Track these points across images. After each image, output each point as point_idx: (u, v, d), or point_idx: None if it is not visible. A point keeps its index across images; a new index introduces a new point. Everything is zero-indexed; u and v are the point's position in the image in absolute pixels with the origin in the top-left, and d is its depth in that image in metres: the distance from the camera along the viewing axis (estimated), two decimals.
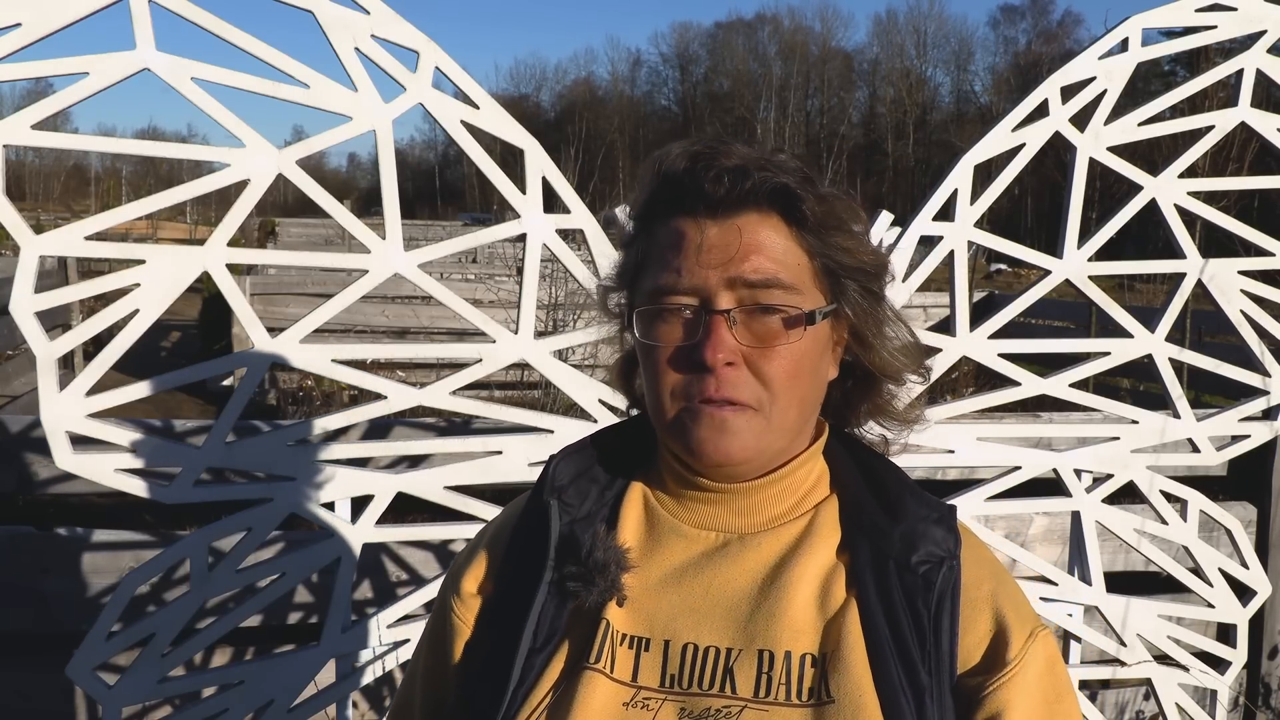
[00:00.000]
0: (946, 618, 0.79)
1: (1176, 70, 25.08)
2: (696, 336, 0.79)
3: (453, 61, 1.64)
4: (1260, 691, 2.50)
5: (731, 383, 0.78)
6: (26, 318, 1.49)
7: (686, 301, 0.80)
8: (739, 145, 0.83)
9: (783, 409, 0.80)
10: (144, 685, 1.61)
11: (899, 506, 0.84)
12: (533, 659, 0.81)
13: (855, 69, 65.32)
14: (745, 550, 0.83)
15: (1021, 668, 0.79)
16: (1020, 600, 0.84)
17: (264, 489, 1.65)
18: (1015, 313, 1.88)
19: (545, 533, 0.84)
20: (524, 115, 9.21)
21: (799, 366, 0.80)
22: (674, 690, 0.79)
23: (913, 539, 0.81)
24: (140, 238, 19.26)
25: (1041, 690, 0.80)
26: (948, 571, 0.80)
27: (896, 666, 0.77)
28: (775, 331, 0.80)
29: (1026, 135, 1.85)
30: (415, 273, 1.66)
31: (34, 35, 1.45)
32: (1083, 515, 1.98)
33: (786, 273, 0.80)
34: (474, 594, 0.88)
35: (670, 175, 0.82)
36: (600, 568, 0.81)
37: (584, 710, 0.77)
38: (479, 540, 0.93)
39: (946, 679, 0.79)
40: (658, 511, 0.87)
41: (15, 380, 6.67)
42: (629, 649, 0.81)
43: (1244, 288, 1.95)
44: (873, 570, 0.81)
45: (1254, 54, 1.91)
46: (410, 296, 8.23)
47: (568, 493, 0.86)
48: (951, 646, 0.79)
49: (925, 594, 0.79)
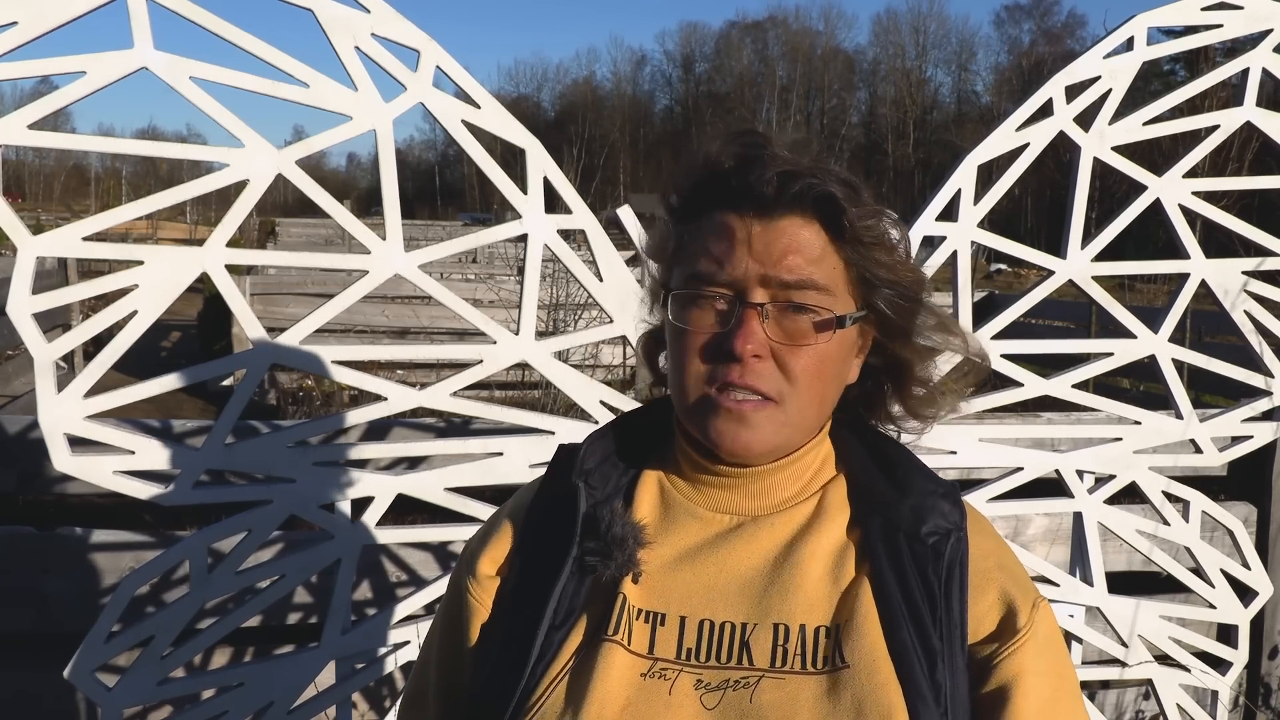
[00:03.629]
0: (956, 586, 0.82)
1: (1175, 70, 25.05)
2: (729, 325, 0.81)
3: (454, 60, 1.63)
4: (1260, 691, 2.49)
5: (756, 373, 0.81)
6: (24, 319, 1.48)
7: (722, 292, 0.82)
8: (786, 146, 0.84)
9: (802, 406, 0.83)
10: (143, 687, 1.60)
11: (907, 482, 0.87)
12: (552, 635, 0.83)
13: (856, 70, 65.32)
14: (759, 530, 0.86)
15: (1030, 636, 0.82)
16: (1022, 572, 0.88)
17: (263, 491, 1.64)
18: (1019, 313, 1.87)
19: (570, 514, 0.86)
20: (524, 115, 9.22)
21: (823, 367, 0.83)
22: (690, 662, 0.81)
23: (921, 512, 0.84)
24: (140, 238, 19.26)
25: (1048, 657, 0.83)
26: (955, 542, 0.83)
27: (910, 632, 0.80)
28: (805, 331, 0.82)
29: (1031, 135, 1.84)
30: (415, 273, 1.65)
31: (31, 34, 1.44)
32: (1085, 516, 1.97)
33: (822, 276, 0.82)
34: (491, 576, 0.90)
35: (719, 170, 0.84)
36: (619, 542, 0.83)
37: (603, 679, 0.79)
38: (494, 523, 0.94)
39: (958, 645, 0.81)
40: (672, 494, 0.89)
41: (15, 380, 6.67)
42: (645, 623, 0.83)
43: (1247, 288, 1.95)
44: (884, 543, 0.84)
45: (1260, 53, 1.90)
46: (410, 297, 8.22)
47: (594, 476, 0.88)
48: (962, 614, 0.82)
49: (935, 563, 0.82)
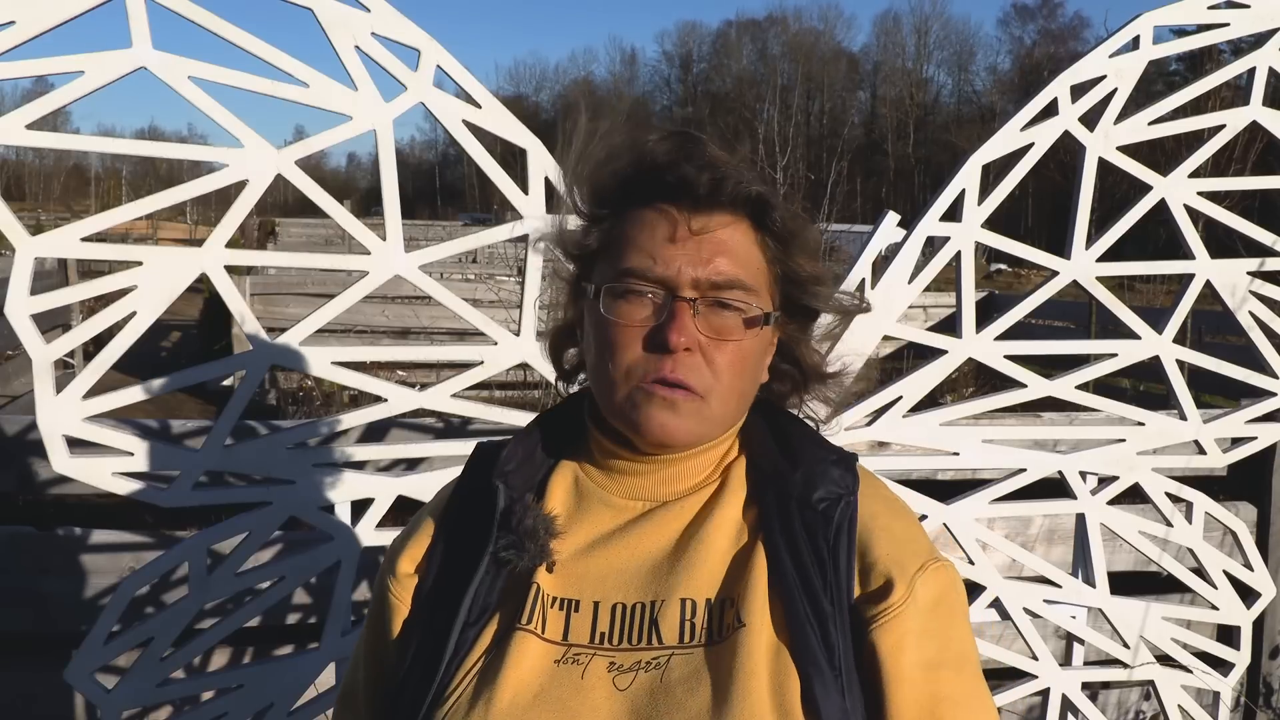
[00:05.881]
0: (844, 549, 0.85)
1: (1179, 70, 25.06)
2: (661, 319, 0.84)
3: (454, 60, 1.62)
4: (1261, 691, 2.49)
5: (686, 367, 0.83)
6: (21, 320, 1.47)
7: (653, 289, 0.84)
8: (717, 147, 0.88)
9: (723, 399, 0.86)
10: (143, 689, 1.60)
11: (800, 452, 0.90)
12: (467, 631, 0.85)
13: (859, 70, 65.30)
14: (668, 514, 0.88)
15: (911, 600, 0.83)
16: (911, 534, 0.89)
17: (263, 492, 1.64)
18: (1022, 314, 1.87)
19: (487, 511, 0.88)
20: (523, 115, 9.16)
21: (746, 363, 0.87)
22: (603, 646, 0.83)
23: (813, 479, 0.87)
24: (140, 238, 19.23)
25: (933, 621, 0.84)
26: (844, 507, 0.86)
27: (801, 598, 0.82)
28: (732, 327, 0.85)
29: (1035, 134, 1.83)
30: (415, 274, 1.65)
31: (29, 33, 1.43)
32: (1088, 517, 1.96)
33: (749, 275, 0.86)
34: (410, 574, 0.91)
35: (653, 164, 0.86)
36: (530, 533, 0.85)
37: (515, 668, 0.81)
38: (415, 522, 0.96)
39: (846, 607, 0.83)
40: (586, 484, 0.92)
41: (15, 380, 6.66)
42: (559, 610, 0.85)
43: (1252, 289, 1.94)
44: (778, 513, 0.86)
45: (1266, 52, 1.89)
46: (411, 297, 8.20)
47: (514, 475, 0.90)
48: (848, 573, 0.84)
49: (825, 528, 0.85)
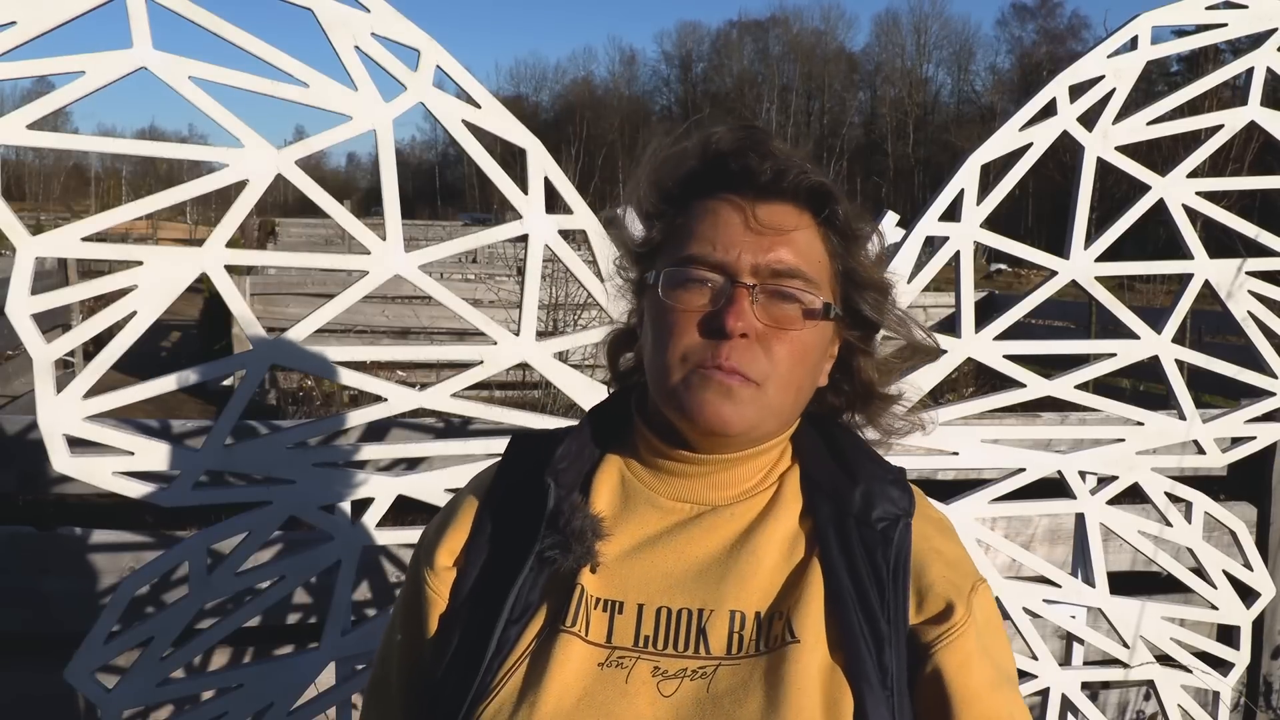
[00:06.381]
0: (902, 570, 0.84)
1: (1181, 70, 25.04)
2: (719, 304, 0.82)
3: (454, 60, 1.62)
4: (1261, 691, 2.49)
5: (743, 354, 0.81)
6: (22, 319, 1.47)
7: (713, 276, 0.83)
8: (780, 141, 0.87)
9: (780, 390, 0.84)
10: (143, 688, 1.60)
11: (857, 468, 0.89)
12: (509, 630, 0.83)
13: (859, 70, 65.26)
14: (718, 520, 0.87)
15: (971, 621, 0.84)
16: (960, 554, 0.90)
17: (263, 492, 1.64)
18: (1021, 314, 1.87)
19: (534, 509, 0.86)
20: (523, 115, 9.20)
21: (804, 355, 0.85)
22: (648, 650, 0.81)
23: (871, 498, 0.86)
24: (140, 238, 19.25)
25: (988, 640, 0.85)
26: (904, 528, 0.85)
27: (858, 615, 0.81)
28: (791, 317, 0.84)
29: (1034, 134, 1.83)
30: (415, 274, 1.65)
31: (30, 33, 1.43)
32: (1087, 517, 1.96)
33: (810, 267, 0.85)
34: (448, 567, 0.90)
35: (718, 155, 0.86)
36: (578, 535, 0.83)
37: (560, 671, 0.80)
38: (451, 512, 0.93)
39: (903, 629, 0.83)
40: (633, 483, 0.90)
41: (15, 380, 6.66)
42: (603, 612, 0.83)
43: (1252, 289, 1.94)
44: (835, 528, 0.85)
45: (1265, 52, 1.89)
46: (411, 297, 8.20)
47: (566, 474, 0.88)
48: (905, 597, 0.84)
49: (884, 548, 0.84)
